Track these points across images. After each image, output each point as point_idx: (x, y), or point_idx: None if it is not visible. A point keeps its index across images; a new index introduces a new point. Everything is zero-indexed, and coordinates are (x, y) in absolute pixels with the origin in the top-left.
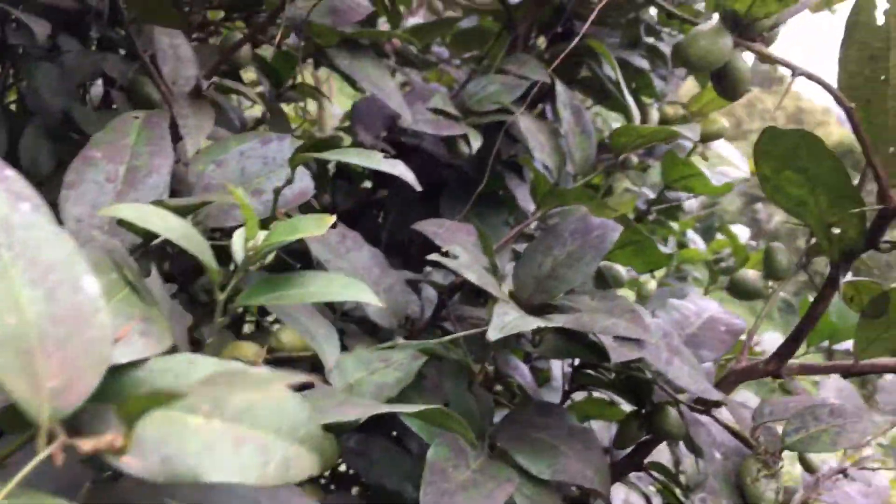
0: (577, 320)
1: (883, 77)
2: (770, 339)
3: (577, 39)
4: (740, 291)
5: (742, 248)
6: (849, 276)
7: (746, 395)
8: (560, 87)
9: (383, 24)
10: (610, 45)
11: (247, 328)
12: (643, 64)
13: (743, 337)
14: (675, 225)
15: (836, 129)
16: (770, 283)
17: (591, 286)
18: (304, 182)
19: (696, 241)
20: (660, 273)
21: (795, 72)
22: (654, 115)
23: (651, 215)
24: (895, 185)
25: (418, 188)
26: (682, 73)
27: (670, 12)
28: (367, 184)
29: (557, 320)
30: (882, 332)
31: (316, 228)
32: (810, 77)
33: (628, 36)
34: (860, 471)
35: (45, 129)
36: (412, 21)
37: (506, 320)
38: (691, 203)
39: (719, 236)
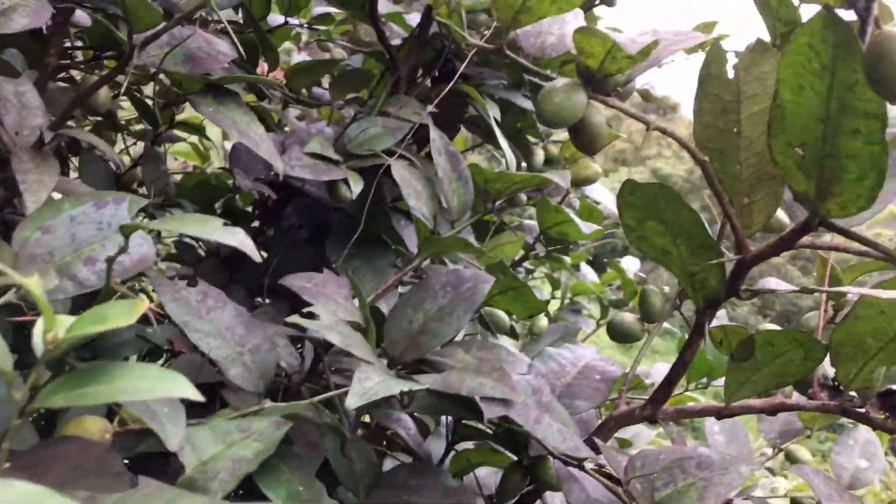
0: (445, 381)
1: (735, 129)
2: (662, 371)
3: (451, 83)
4: (618, 335)
5: (630, 282)
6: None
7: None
8: (434, 133)
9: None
10: (494, 86)
11: None
12: (526, 104)
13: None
14: (567, 258)
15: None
16: (646, 326)
17: (479, 332)
18: (143, 247)
19: (589, 275)
20: (555, 305)
21: (650, 126)
22: (539, 155)
23: (534, 251)
24: (750, 234)
25: (257, 258)
26: None
27: (527, 68)
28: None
29: (424, 381)
30: (750, 374)
31: (127, 317)
32: (664, 132)
33: (511, 76)
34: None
35: None
36: (299, 57)
37: (366, 386)
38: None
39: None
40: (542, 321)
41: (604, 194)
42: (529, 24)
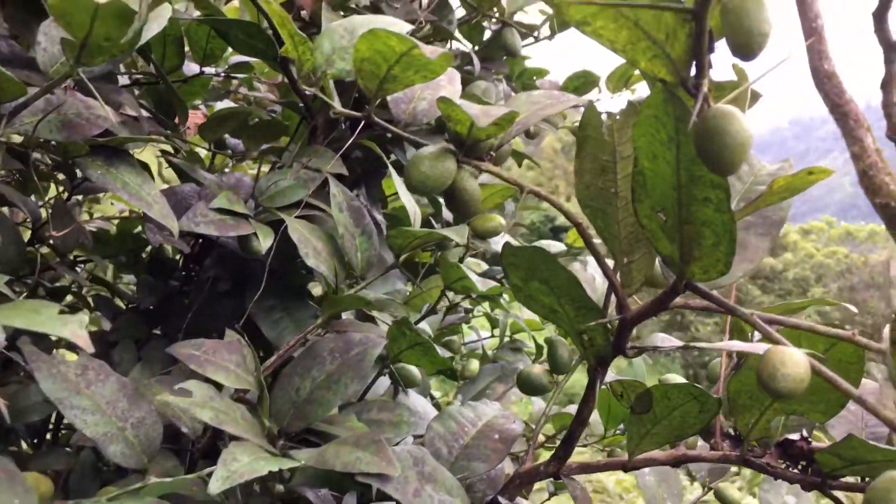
0: (321, 457)
1: (613, 189)
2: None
3: (353, 137)
4: (527, 388)
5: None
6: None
7: None
8: (335, 188)
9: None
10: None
11: None
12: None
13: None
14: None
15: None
16: (555, 377)
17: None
18: None
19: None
20: (493, 343)
21: (524, 190)
22: None
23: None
24: (631, 294)
25: (90, 349)
26: None
27: (398, 134)
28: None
29: (301, 457)
30: (650, 427)
31: None
32: (538, 194)
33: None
34: None
35: None
36: (220, 105)
37: (232, 468)
38: None
39: None
40: (474, 364)
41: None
42: (398, 92)
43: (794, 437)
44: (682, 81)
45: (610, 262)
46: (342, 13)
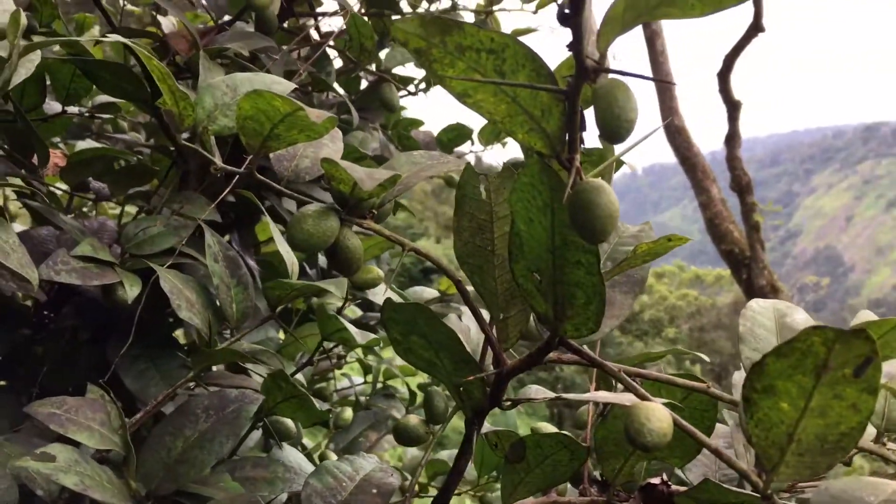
0: None
1: (490, 248)
2: None
3: (229, 187)
4: (404, 438)
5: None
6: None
7: None
8: (210, 239)
9: None
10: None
11: None
12: (326, 196)
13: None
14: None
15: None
16: (431, 427)
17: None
18: None
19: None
20: (366, 389)
21: (405, 248)
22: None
23: None
24: (507, 348)
25: None
26: None
27: (280, 191)
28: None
29: None
30: (524, 475)
31: None
32: (418, 252)
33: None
34: None
35: None
36: (83, 145)
37: None
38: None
39: None
40: (347, 413)
41: (377, 296)
42: (281, 150)
43: (656, 481)
44: (556, 154)
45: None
46: (220, 61)
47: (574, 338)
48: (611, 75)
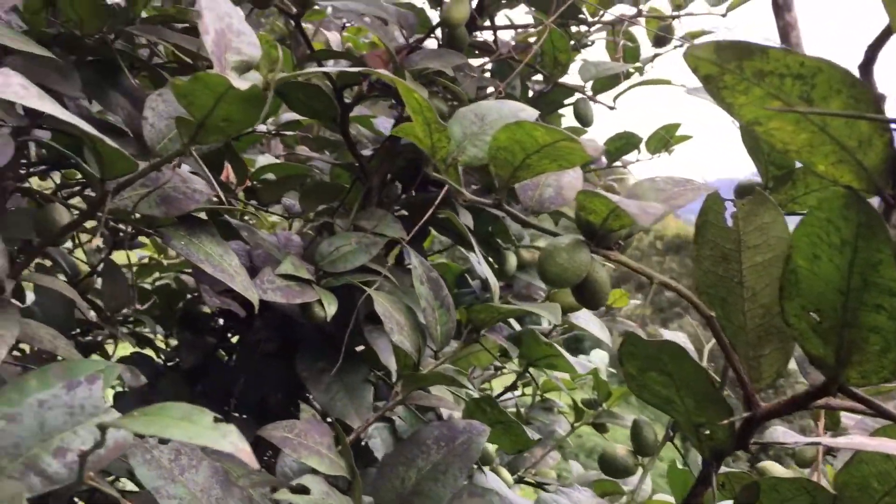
0: None
1: (736, 279)
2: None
3: (431, 209)
4: (611, 470)
5: (603, 382)
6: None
7: None
8: (415, 260)
9: None
10: (472, 191)
11: None
12: (497, 210)
13: None
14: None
15: (673, 223)
16: (640, 459)
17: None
18: (120, 433)
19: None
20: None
21: (653, 280)
22: (512, 260)
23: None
24: (759, 389)
25: (255, 464)
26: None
27: (525, 222)
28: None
29: None
30: None
31: None
32: (666, 285)
33: (483, 182)
34: None
35: None
36: (263, 160)
37: None
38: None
39: None
40: None
41: (592, 323)
42: (527, 179)
43: None
44: (876, 190)
45: None
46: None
47: (857, 386)
48: None
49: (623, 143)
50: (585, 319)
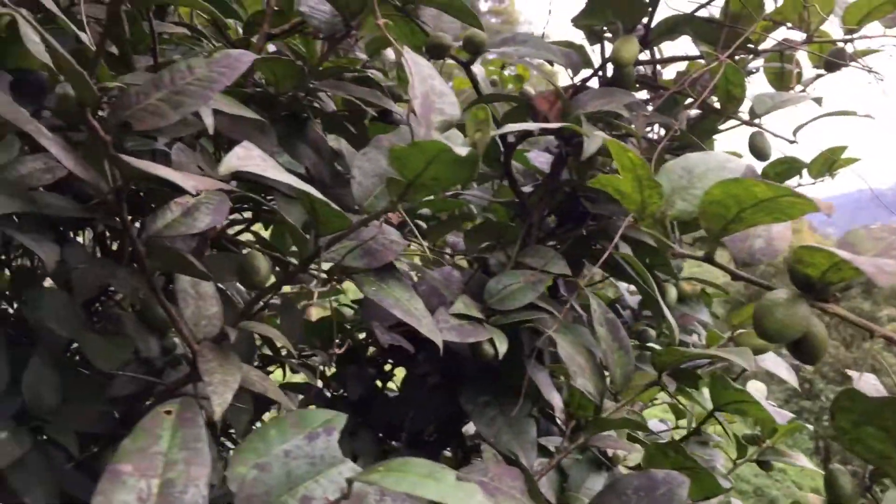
0: None
1: None
2: None
3: (608, 251)
4: None
5: (769, 418)
6: None
7: None
8: (594, 302)
9: None
10: (621, 225)
11: None
12: (707, 263)
13: None
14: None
15: (809, 236)
16: None
17: None
18: (357, 484)
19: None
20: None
21: (873, 333)
22: (672, 293)
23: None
24: None
25: None
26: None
27: (735, 273)
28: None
29: None
30: None
31: None
32: (889, 339)
33: None
34: None
35: (51, 360)
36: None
37: None
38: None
39: None
40: None
41: (779, 366)
42: (738, 232)
43: None
44: None
45: None
46: (593, 123)
47: None
48: None
49: (785, 168)
50: (774, 362)
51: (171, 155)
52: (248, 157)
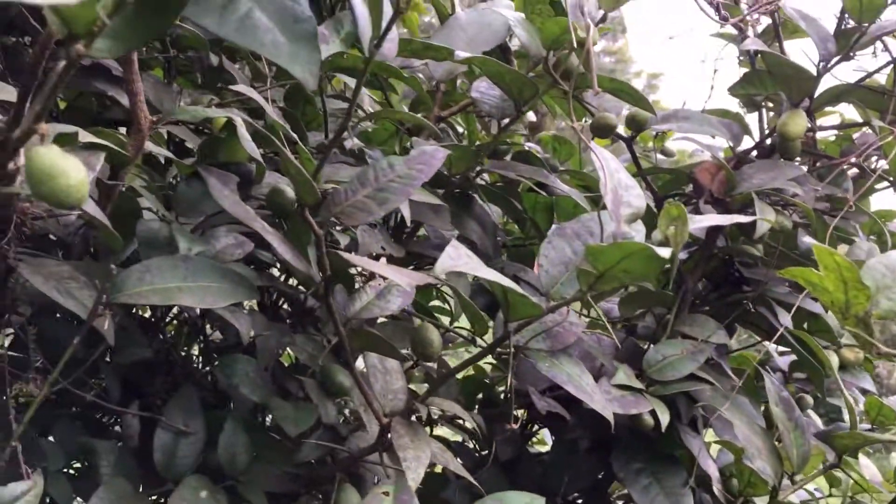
0: None
1: None
2: None
3: (780, 330)
4: None
5: None
6: None
7: None
8: (769, 382)
9: None
10: (779, 291)
11: None
12: (816, 307)
13: None
14: None
15: None
16: None
17: None
18: None
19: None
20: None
21: None
22: (834, 360)
23: None
24: None
25: None
26: None
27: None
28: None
29: None
30: None
31: None
32: None
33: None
34: None
35: (242, 423)
36: None
37: None
38: None
39: None
40: None
41: None
42: None
43: None
44: None
45: None
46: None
47: None
48: None
49: None
50: None
51: (357, 237)
52: (458, 257)
